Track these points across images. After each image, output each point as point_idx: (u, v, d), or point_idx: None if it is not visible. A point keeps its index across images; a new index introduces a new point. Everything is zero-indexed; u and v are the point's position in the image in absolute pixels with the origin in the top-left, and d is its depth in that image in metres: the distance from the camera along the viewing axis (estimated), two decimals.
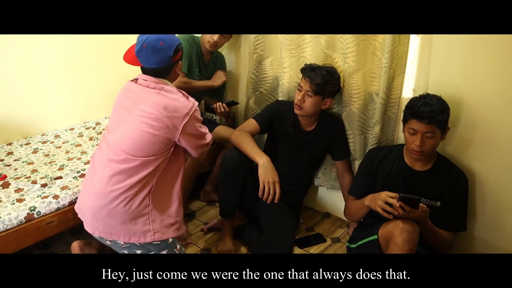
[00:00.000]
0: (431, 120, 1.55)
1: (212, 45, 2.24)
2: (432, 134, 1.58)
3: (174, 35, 1.64)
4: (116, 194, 1.55)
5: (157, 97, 1.58)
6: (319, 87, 1.93)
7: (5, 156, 2.19)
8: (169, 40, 1.59)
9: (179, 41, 1.64)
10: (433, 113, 1.55)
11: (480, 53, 1.66)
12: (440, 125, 1.58)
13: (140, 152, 1.57)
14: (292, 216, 2.20)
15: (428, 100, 1.59)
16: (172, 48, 1.59)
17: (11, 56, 2.30)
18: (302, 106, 1.98)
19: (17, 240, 1.67)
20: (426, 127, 1.57)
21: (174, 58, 1.62)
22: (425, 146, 1.60)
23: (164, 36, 1.59)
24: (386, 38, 1.79)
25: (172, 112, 1.57)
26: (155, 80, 1.62)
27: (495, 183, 1.75)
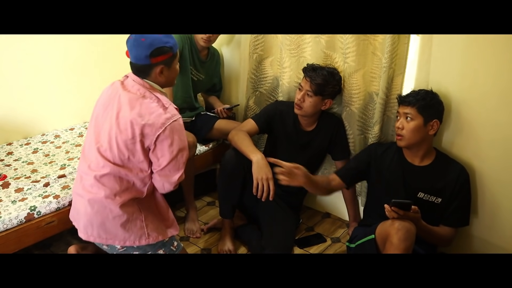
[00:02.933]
0: (411, 102, 1.66)
1: (206, 40, 2.22)
2: (411, 116, 1.65)
3: (170, 37, 1.54)
4: (107, 201, 1.53)
5: (136, 103, 1.51)
6: (319, 87, 1.93)
7: (5, 156, 2.19)
8: (153, 40, 1.49)
9: (169, 43, 1.52)
10: (414, 96, 1.67)
11: (480, 53, 1.66)
12: (421, 111, 1.64)
13: (121, 161, 1.53)
14: (292, 216, 2.20)
15: (418, 91, 1.71)
16: (151, 47, 1.48)
17: (11, 56, 2.30)
18: (302, 106, 1.98)
19: (17, 240, 1.67)
20: (405, 108, 1.67)
21: (152, 59, 1.50)
22: (404, 130, 1.67)
23: (154, 35, 1.50)
24: (386, 38, 1.79)
25: (147, 120, 1.48)
26: (140, 82, 1.55)
27: (496, 183, 1.75)
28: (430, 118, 1.66)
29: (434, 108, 1.67)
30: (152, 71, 1.53)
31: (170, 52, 1.53)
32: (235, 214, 2.19)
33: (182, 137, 1.55)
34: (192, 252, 2.12)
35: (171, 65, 1.57)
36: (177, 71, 1.63)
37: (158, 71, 1.54)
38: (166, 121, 1.49)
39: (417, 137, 1.68)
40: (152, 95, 1.53)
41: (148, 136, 1.49)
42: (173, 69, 1.60)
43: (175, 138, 1.52)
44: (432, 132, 1.68)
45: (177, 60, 1.60)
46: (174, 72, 1.61)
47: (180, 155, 1.55)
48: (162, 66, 1.53)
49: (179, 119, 1.54)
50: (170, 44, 1.52)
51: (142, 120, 1.48)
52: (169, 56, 1.53)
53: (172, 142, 1.51)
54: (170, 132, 1.49)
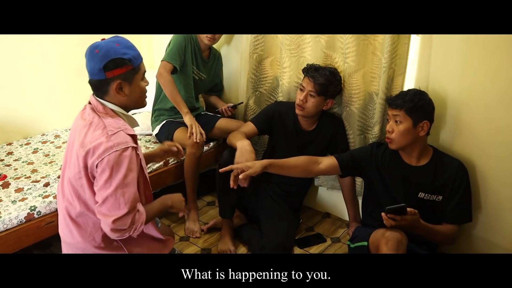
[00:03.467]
0: (399, 104, 1.64)
1: (210, 39, 2.24)
2: (400, 119, 1.64)
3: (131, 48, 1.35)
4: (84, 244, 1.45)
5: (82, 133, 1.35)
6: (323, 87, 1.93)
7: (5, 156, 2.19)
8: (107, 50, 1.30)
9: (126, 55, 1.31)
10: (401, 98, 1.64)
11: (480, 53, 1.66)
12: (410, 113, 1.62)
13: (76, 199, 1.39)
14: (292, 216, 2.20)
15: (407, 92, 1.68)
16: (105, 59, 1.29)
17: (11, 56, 2.30)
18: (304, 107, 1.98)
19: (17, 240, 1.67)
20: (394, 111, 1.66)
21: (107, 73, 1.30)
22: (393, 133, 1.66)
23: (110, 46, 1.31)
24: (386, 38, 1.79)
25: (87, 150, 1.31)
26: (94, 105, 1.38)
27: (497, 182, 1.75)
28: (419, 119, 1.64)
29: (423, 110, 1.65)
30: (109, 88, 1.34)
31: (129, 65, 1.32)
32: (235, 214, 2.19)
33: (127, 171, 1.31)
34: (192, 252, 2.12)
35: (132, 81, 1.36)
36: (142, 89, 1.41)
37: (116, 87, 1.34)
38: (106, 150, 1.28)
39: (407, 139, 1.66)
40: (100, 120, 1.34)
41: (90, 168, 1.31)
42: (136, 86, 1.38)
43: (115, 171, 1.29)
44: (422, 133, 1.66)
45: (141, 75, 1.39)
46: (139, 90, 1.39)
47: (120, 192, 1.29)
48: (120, 81, 1.33)
49: (127, 150, 1.31)
50: (128, 56, 1.32)
51: (83, 150, 1.31)
52: (127, 70, 1.32)
53: (111, 176, 1.29)
54: (107, 163, 1.28)
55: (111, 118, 1.36)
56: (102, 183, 1.29)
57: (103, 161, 1.28)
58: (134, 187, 1.34)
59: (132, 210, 1.33)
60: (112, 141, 1.29)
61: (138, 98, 1.41)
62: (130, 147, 1.32)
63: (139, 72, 1.37)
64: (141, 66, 1.38)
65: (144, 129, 2.53)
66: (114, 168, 1.29)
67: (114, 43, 1.32)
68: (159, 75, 2.18)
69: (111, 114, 1.37)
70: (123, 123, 1.38)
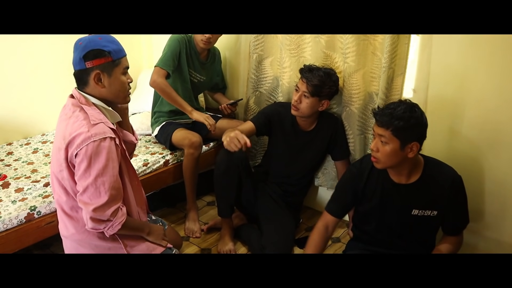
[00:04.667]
0: (384, 122, 1.45)
1: (205, 42, 2.21)
2: (385, 140, 1.46)
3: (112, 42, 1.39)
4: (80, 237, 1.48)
5: (63, 125, 1.38)
6: (316, 88, 1.92)
7: (5, 156, 2.19)
8: (89, 41, 1.35)
9: (107, 47, 1.36)
10: (388, 116, 1.44)
11: (480, 53, 1.66)
12: (396, 133, 1.43)
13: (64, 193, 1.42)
14: (292, 216, 2.20)
15: (395, 105, 1.47)
16: (85, 49, 1.34)
17: (11, 56, 2.30)
18: (298, 107, 1.98)
19: (17, 240, 1.67)
20: (379, 129, 1.47)
21: (87, 62, 1.34)
22: (379, 153, 1.49)
23: (92, 37, 1.36)
24: (386, 38, 1.79)
25: (68, 141, 1.33)
26: (76, 96, 1.41)
27: (496, 182, 1.75)
28: (408, 141, 1.45)
29: (413, 130, 1.45)
30: (89, 78, 1.37)
31: (108, 56, 1.36)
32: (235, 214, 2.19)
33: (106, 160, 1.33)
34: (192, 252, 2.12)
35: (111, 73, 1.38)
36: (122, 83, 1.42)
37: (95, 77, 1.37)
38: (85, 140, 1.31)
39: (394, 160, 1.50)
40: (82, 112, 1.37)
41: (70, 158, 1.34)
42: (115, 78, 1.40)
43: (94, 161, 1.31)
44: (411, 155, 1.48)
45: (121, 69, 1.41)
46: (118, 83, 1.41)
47: (100, 181, 1.32)
48: (99, 71, 1.36)
49: (105, 140, 1.33)
50: (108, 48, 1.36)
51: (64, 142, 1.33)
52: (107, 61, 1.36)
53: (90, 165, 1.31)
54: (85, 153, 1.30)
55: (93, 110, 1.38)
56: (81, 172, 1.32)
57: (81, 151, 1.30)
58: (114, 177, 1.36)
59: (112, 200, 1.35)
60: (91, 131, 1.31)
61: (118, 91, 1.42)
62: (108, 137, 1.34)
63: (119, 66, 1.40)
64: (122, 61, 1.41)
65: (144, 129, 2.53)
66: (92, 157, 1.31)
67: (97, 37, 1.37)
68: (152, 82, 2.17)
69: (89, 105, 1.40)
70: (103, 116, 1.40)
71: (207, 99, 2.75)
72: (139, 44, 3.06)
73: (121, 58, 1.40)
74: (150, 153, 2.26)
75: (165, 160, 2.24)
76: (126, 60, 1.44)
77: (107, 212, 1.34)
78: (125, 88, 1.45)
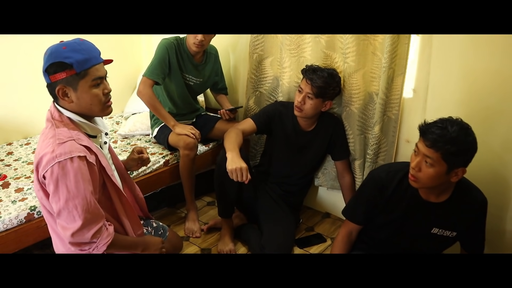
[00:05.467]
0: (435, 145, 1.31)
1: (198, 45, 2.17)
2: (431, 162, 1.34)
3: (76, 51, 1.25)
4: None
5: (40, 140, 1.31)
6: (321, 90, 1.93)
7: (5, 156, 2.19)
8: (51, 52, 1.25)
9: (69, 59, 1.22)
10: (441, 137, 1.30)
11: (480, 53, 1.66)
12: (446, 157, 1.32)
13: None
14: (292, 216, 2.20)
15: (447, 124, 1.33)
16: (47, 62, 1.24)
17: (11, 56, 2.30)
18: (302, 108, 1.98)
19: (17, 240, 1.67)
20: (426, 149, 1.34)
21: (50, 76, 1.24)
22: (421, 173, 1.38)
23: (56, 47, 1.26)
24: (386, 38, 1.79)
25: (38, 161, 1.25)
26: (51, 111, 1.32)
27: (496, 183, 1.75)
28: (456, 166, 1.34)
29: (465, 156, 1.34)
30: (55, 92, 1.27)
31: (70, 69, 1.23)
32: (235, 214, 2.19)
33: (75, 182, 1.22)
34: (192, 252, 2.12)
35: (77, 87, 1.26)
36: (93, 96, 1.29)
37: (59, 92, 1.26)
38: (49, 162, 1.21)
39: (435, 183, 1.39)
40: (52, 129, 1.28)
41: (41, 178, 1.26)
42: (83, 92, 1.27)
43: (61, 183, 1.21)
44: (455, 179, 1.38)
45: (88, 82, 1.27)
46: (88, 97, 1.28)
47: (71, 204, 1.22)
48: (62, 86, 1.25)
49: (72, 158, 1.21)
50: (71, 59, 1.22)
51: (36, 161, 1.26)
52: (69, 75, 1.23)
53: (57, 188, 1.22)
54: (51, 175, 1.21)
55: (65, 127, 1.28)
56: (51, 195, 1.24)
57: (47, 173, 1.22)
58: (87, 199, 1.25)
59: (90, 223, 1.26)
60: (55, 151, 1.21)
61: (89, 105, 1.30)
62: (76, 157, 1.22)
63: (85, 78, 1.26)
64: (89, 72, 1.26)
65: (144, 129, 2.53)
66: (59, 179, 1.21)
67: (62, 46, 1.25)
68: (138, 93, 2.17)
69: (67, 122, 1.30)
70: (77, 133, 1.29)
71: (208, 99, 2.75)
72: (139, 44, 3.06)
73: (88, 69, 1.26)
74: (150, 153, 2.26)
75: (165, 160, 2.24)
76: (97, 70, 1.28)
77: (86, 236, 1.26)
78: (98, 100, 1.31)
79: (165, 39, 2.21)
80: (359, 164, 2.12)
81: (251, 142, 2.49)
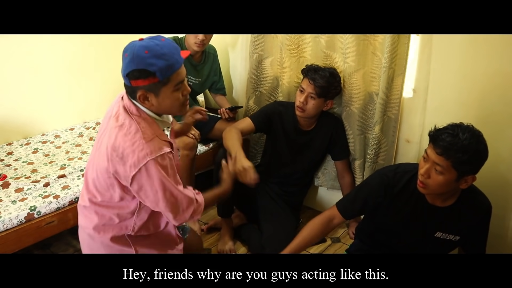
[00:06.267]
0: (445, 152, 1.29)
1: (199, 44, 2.18)
2: (441, 170, 1.32)
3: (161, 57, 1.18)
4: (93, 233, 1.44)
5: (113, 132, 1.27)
6: (323, 89, 1.93)
7: (5, 156, 2.19)
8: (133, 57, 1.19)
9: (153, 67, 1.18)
10: (452, 146, 1.28)
11: (480, 53, 1.67)
12: (456, 165, 1.29)
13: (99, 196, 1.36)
14: (292, 216, 2.20)
15: (458, 131, 1.30)
16: (129, 67, 1.20)
17: (11, 56, 2.30)
18: (305, 108, 1.98)
19: (17, 240, 1.67)
20: (437, 157, 1.31)
21: (132, 81, 1.22)
22: (430, 179, 1.36)
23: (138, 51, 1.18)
24: (386, 38, 1.79)
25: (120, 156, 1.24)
26: (126, 103, 1.30)
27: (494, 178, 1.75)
28: (466, 174, 1.33)
29: (475, 164, 1.32)
30: (135, 95, 1.25)
31: (154, 77, 1.20)
32: (235, 214, 2.19)
33: (167, 176, 1.27)
34: None
35: (159, 93, 1.24)
36: (174, 100, 1.28)
37: (140, 97, 1.24)
38: (142, 159, 1.22)
39: (444, 190, 1.39)
40: (132, 123, 1.26)
41: (122, 175, 1.26)
42: (164, 97, 1.26)
43: (156, 178, 1.25)
44: (464, 186, 1.37)
45: (171, 88, 1.25)
46: (168, 101, 1.27)
47: (168, 194, 1.29)
48: (144, 92, 1.23)
49: (162, 155, 1.25)
50: (154, 68, 1.18)
51: (116, 155, 1.24)
52: (152, 82, 1.21)
53: (153, 184, 1.25)
54: (147, 173, 1.23)
55: (145, 122, 1.28)
56: (148, 192, 1.27)
57: (141, 170, 1.23)
58: (179, 188, 1.33)
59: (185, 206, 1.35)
60: (145, 149, 1.22)
61: (169, 108, 1.30)
62: (166, 153, 1.27)
63: (168, 84, 1.23)
64: (172, 78, 1.23)
65: None
66: (154, 176, 1.24)
67: (144, 49, 1.18)
68: None
69: (145, 116, 1.29)
70: (157, 127, 1.31)
71: (207, 99, 2.75)
72: None
73: (171, 76, 1.22)
74: None
75: None
76: (178, 74, 1.24)
77: (186, 216, 1.37)
78: (178, 103, 1.30)
79: None
80: (359, 164, 2.12)
81: (251, 142, 2.49)
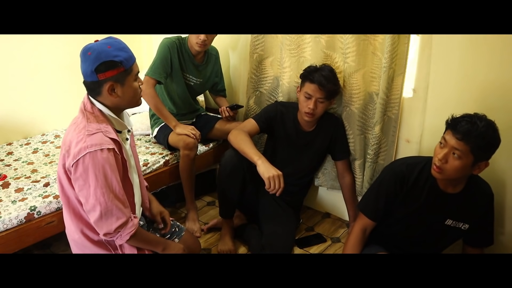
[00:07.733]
0: (466, 137, 1.36)
1: (201, 45, 2.17)
2: (460, 154, 1.38)
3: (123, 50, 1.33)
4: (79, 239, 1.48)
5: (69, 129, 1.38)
6: (331, 92, 1.94)
7: (5, 156, 2.19)
8: (99, 53, 1.29)
9: (118, 57, 1.31)
10: (472, 131, 1.35)
11: (480, 53, 1.66)
12: (474, 151, 1.36)
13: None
14: (292, 216, 2.20)
15: (475, 119, 1.38)
16: (97, 61, 1.29)
17: (11, 56, 2.30)
18: (315, 113, 1.97)
19: (17, 240, 1.67)
20: (456, 142, 1.37)
21: (99, 75, 1.30)
22: (447, 164, 1.41)
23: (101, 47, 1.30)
24: (386, 38, 1.79)
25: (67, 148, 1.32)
26: (84, 104, 1.38)
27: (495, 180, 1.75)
28: (482, 159, 1.40)
29: (491, 150, 1.40)
30: (102, 89, 1.34)
31: (120, 67, 1.32)
32: (235, 214, 2.19)
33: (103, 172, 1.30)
34: None
35: (124, 82, 1.36)
36: (135, 89, 1.40)
37: (108, 89, 1.34)
38: (82, 150, 1.28)
39: (459, 175, 1.45)
40: (83, 120, 1.35)
41: (68, 168, 1.33)
42: (128, 87, 1.37)
43: (91, 172, 1.28)
44: (477, 172, 1.44)
45: (133, 76, 1.38)
46: (131, 91, 1.39)
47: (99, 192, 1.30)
48: (112, 83, 1.33)
49: (102, 150, 1.29)
50: (120, 58, 1.31)
51: (64, 149, 1.34)
52: (119, 72, 1.32)
53: (87, 177, 1.29)
54: (82, 164, 1.28)
55: (95, 119, 1.36)
56: (81, 184, 1.30)
57: (78, 162, 1.28)
58: (115, 188, 1.33)
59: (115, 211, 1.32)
60: (87, 142, 1.28)
61: (132, 98, 1.42)
62: (105, 148, 1.30)
63: (131, 74, 1.37)
64: (133, 68, 1.37)
65: (144, 129, 2.53)
66: (89, 168, 1.28)
67: (106, 45, 1.31)
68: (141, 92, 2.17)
69: (97, 114, 1.37)
70: (105, 125, 1.37)
71: (207, 99, 2.74)
72: (139, 44, 3.06)
73: (132, 65, 1.37)
74: (150, 153, 2.26)
75: (165, 160, 2.24)
76: (136, 66, 1.40)
77: (114, 225, 1.33)
78: (138, 93, 1.43)
79: (166, 39, 2.21)
80: (359, 164, 2.12)
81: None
